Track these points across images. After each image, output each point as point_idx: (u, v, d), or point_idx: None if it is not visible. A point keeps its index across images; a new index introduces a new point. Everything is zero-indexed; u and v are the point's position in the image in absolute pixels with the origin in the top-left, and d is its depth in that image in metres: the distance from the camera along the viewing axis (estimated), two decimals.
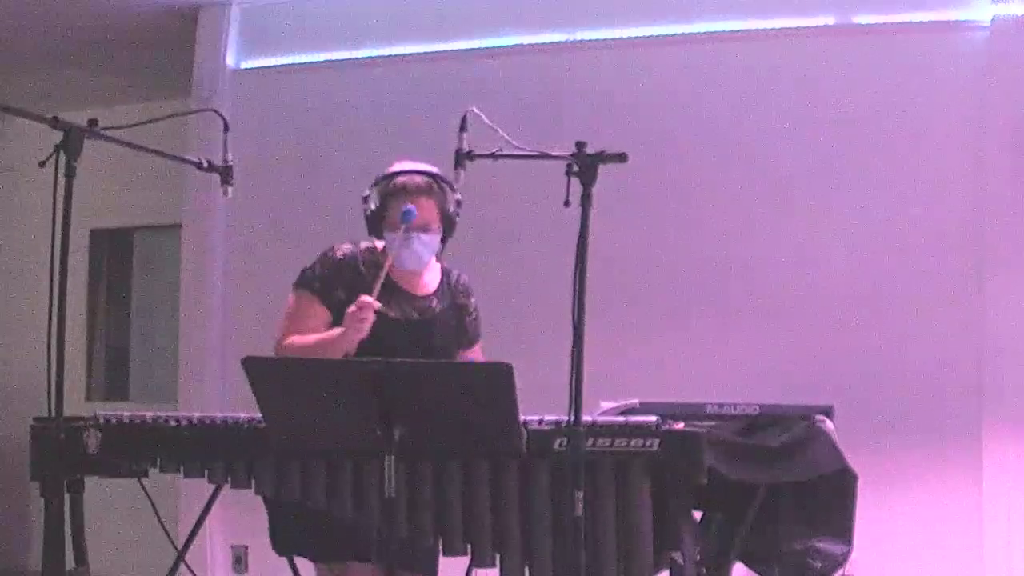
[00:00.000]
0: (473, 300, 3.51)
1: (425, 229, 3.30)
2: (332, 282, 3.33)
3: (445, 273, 3.49)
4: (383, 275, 3.20)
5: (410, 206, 3.24)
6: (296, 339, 3.30)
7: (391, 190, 3.32)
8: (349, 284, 3.31)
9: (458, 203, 3.37)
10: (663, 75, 5.01)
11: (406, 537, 3.00)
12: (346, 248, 3.40)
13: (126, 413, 3.20)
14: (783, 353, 4.71)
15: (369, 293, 3.19)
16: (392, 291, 3.34)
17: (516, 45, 5.24)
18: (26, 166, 3.01)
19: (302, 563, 3.50)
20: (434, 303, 3.42)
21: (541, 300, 4.47)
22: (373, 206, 3.34)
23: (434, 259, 3.44)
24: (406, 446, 2.66)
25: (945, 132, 4.65)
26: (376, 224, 3.36)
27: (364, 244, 3.42)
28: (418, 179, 3.32)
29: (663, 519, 2.98)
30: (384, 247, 3.36)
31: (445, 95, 4.96)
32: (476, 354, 3.54)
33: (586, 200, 2.77)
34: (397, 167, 3.37)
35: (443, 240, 3.39)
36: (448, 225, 3.37)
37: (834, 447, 3.43)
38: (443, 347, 3.40)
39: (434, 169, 3.36)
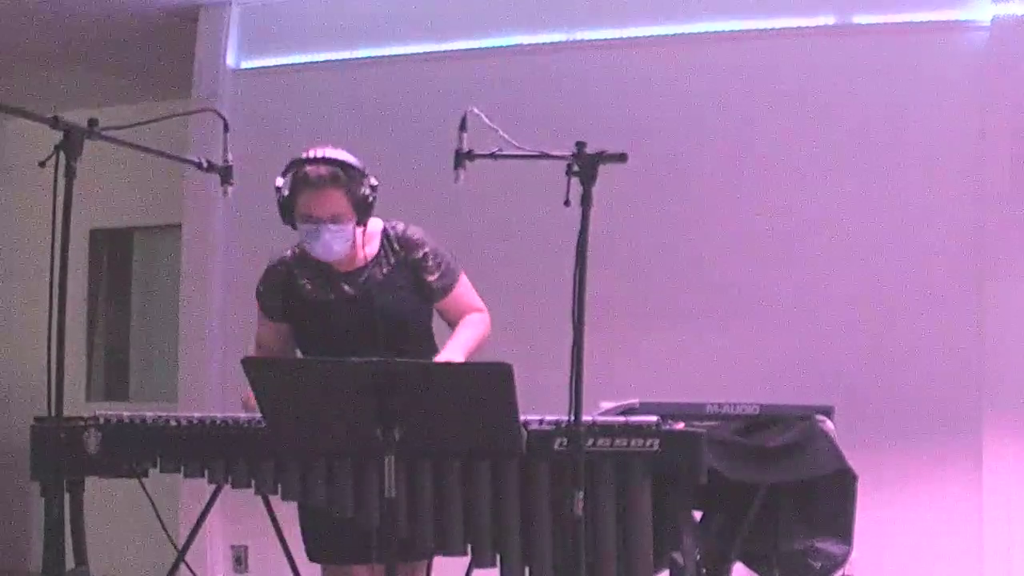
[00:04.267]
0: (425, 250, 3.40)
1: (334, 220, 3.28)
2: (268, 293, 3.45)
3: (384, 235, 3.43)
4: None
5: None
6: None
7: (297, 180, 3.29)
8: (283, 289, 3.41)
9: (373, 187, 3.32)
10: (663, 75, 5.01)
11: (406, 537, 3.00)
12: (286, 253, 3.46)
13: (126, 413, 3.20)
14: (783, 353, 4.71)
15: (300, 295, 3.36)
16: (325, 273, 3.39)
17: (516, 45, 5.24)
18: (26, 166, 3.01)
19: (303, 563, 3.51)
20: (375, 272, 3.38)
21: (541, 300, 4.46)
22: (285, 193, 3.32)
23: (360, 236, 3.34)
24: (406, 446, 2.66)
25: (945, 132, 4.64)
26: (287, 213, 3.34)
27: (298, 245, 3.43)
28: (322, 170, 3.27)
29: (663, 519, 2.98)
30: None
31: (445, 95, 4.95)
32: (457, 300, 3.44)
33: (586, 200, 2.77)
34: (306, 154, 3.31)
35: (360, 224, 3.32)
36: (361, 211, 3.30)
37: (834, 447, 3.44)
38: (396, 312, 3.34)
39: (343, 156, 3.31)
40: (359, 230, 3.32)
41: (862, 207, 4.73)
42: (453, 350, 3.31)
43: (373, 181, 3.34)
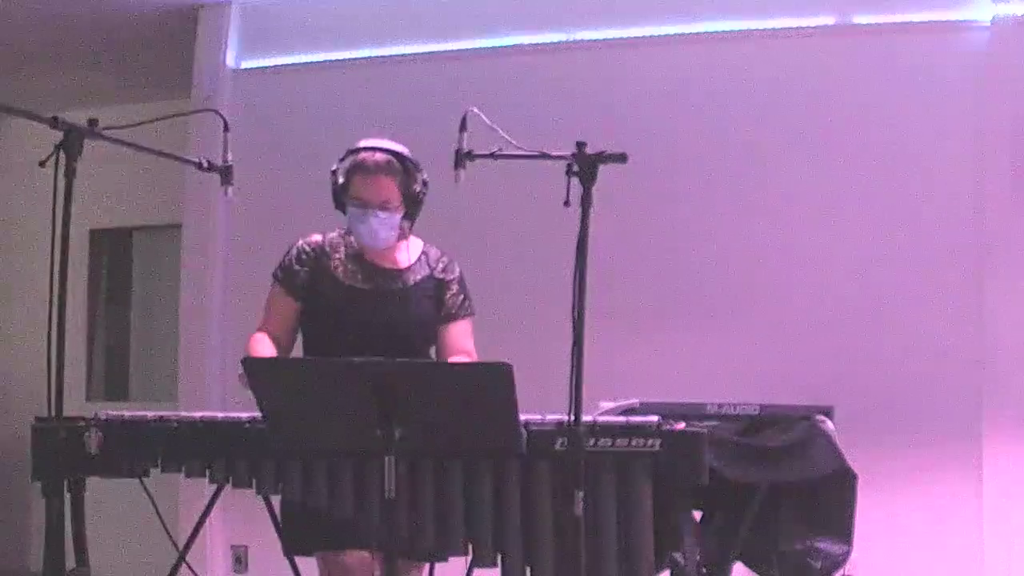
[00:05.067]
0: (455, 276, 3.49)
1: (383, 207, 3.33)
2: (294, 267, 3.43)
3: (426, 252, 3.51)
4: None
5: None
6: (264, 347, 3.38)
7: (353, 165, 3.37)
8: (312, 265, 3.41)
9: (424, 183, 3.41)
10: (663, 75, 5.01)
11: (406, 537, 3.00)
12: (316, 236, 3.48)
13: (126, 413, 3.19)
14: (783, 353, 4.71)
15: (331, 275, 3.37)
16: (363, 265, 3.42)
17: (516, 45, 5.24)
18: (26, 166, 3.01)
19: (303, 563, 3.51)
20: (408, 277, 3.44)
21: (541, 300, 4.46)
22: (340, 180, 3.39)
23: (409, 236, 3.47)
24: (406, 446, 2.66)
25: (945, 132, 4.65)
26: (339, 198, 3.41)
27: (339, 230, 3.49)
28: (378, 156, 3.36)
29: (663, 519, 2.98)
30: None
31: (445, 95, 4.96)
32: (459, 334, 3.47)
33: (586, 200, 2.77)
34: (363, 143, 3.41)
35: (408, 218, 3.41)
36: (411, 204, 3.39)
37: (834, 447, 3.44)
38: (416, 319, 3.40)
39: (399, 147, 3.40)
40: (406, 224, 3.40)
41: (862, 207, 4.73)
42: None
43: (425, 177, 3.41)
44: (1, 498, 6.67)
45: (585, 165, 2.78)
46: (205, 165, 3.15)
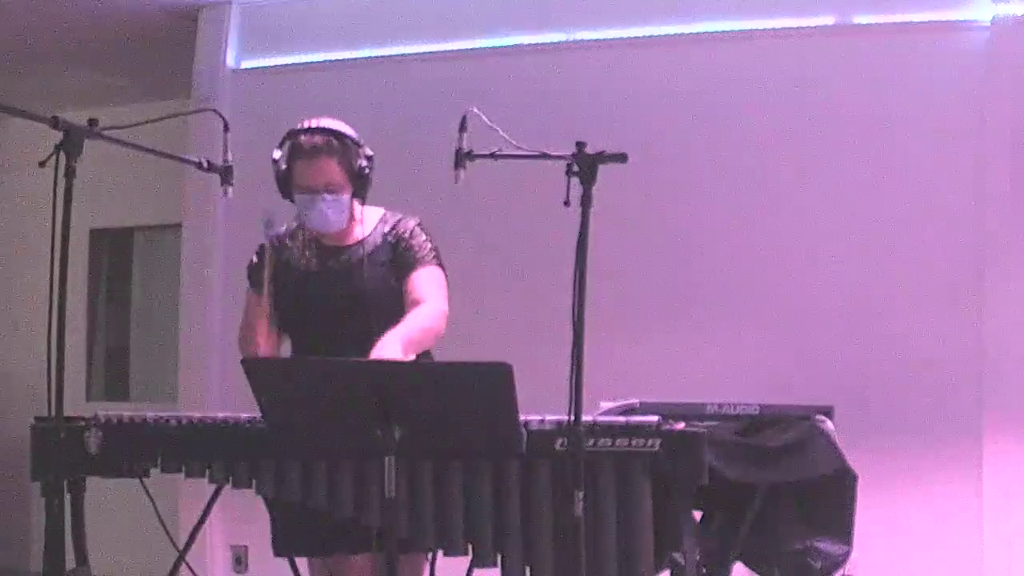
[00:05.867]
0: (407, 230, 3.38)
1: (329, 190, 3.29)
2: (258, 264, 3.39)
3: (383, 220, 3.43)
4: (268, 267, 3.28)
5: (266, 218, 3.30)
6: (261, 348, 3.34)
7: (291, 150, 3.32)
8: (273, 258, 3.35)
9: (368, 159, 3.34)
10: (663, 75, 5.01)
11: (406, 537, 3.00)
12: (281, 229, 3.45)
13: (126, 413, 3.19)
14: (783, 353, 4.71)
15: (289, 265, 3.34)
16: (316, 247, 3.40)
17: (516, 45, 5.24)
18: (26, 166, 3.01)
19: (303, 564, 3.51)
20: (358, 250, 3.38)
21: (541, 300, 4.46)
22: (283, 167, 3.34)
23: (363, 211, 3.39)
24: (406, 446, 2.66)
25: (945, 132, 4.65)
26: (285, 186, 3.36)
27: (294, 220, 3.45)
28: (316, 139, 3.29)
29: (663, 519, 2.98)
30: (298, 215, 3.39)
31: (445, 95, 4.95)
32: (415, 282, 3.33)
33: (586, 200, 2.77)
34: (301, 124, 3.34)
35: (357, 196, 3.34)
36: (357, 182, 3.33)
37: (834, 447, 3.43)
38: (367, 290, 3.32)
39: (338, 125, 3.33)
40: (355, 203, 3.34)
41: (862, 207, 4.73)
42: (390, 339, 3.12)
43: (368, 152, 3.35)
44: (1, 498, 6.67)
45: (585, 165, 2.78)
46: (205, 165, 3.15)
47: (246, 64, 5.66)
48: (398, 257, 3.36)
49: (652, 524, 2.96)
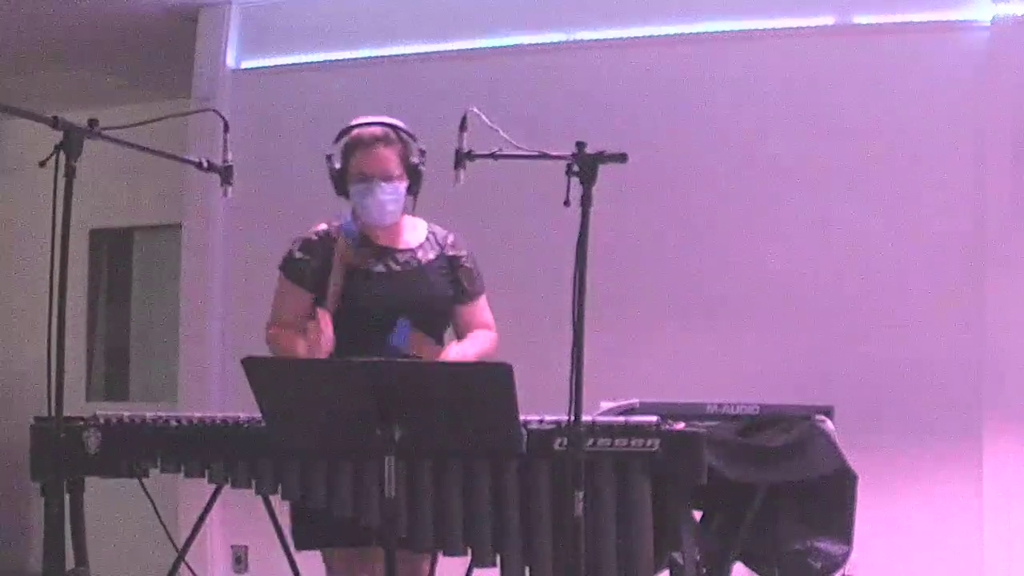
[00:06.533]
0: (465, 253, 3.49)
1: (386, 178, 3.32)
2: (302, 257, 3.40)
3: (432, 231, 3.50)
4: (337, 262, 3.29)
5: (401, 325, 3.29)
6: (284, 342, 3.36)
7: (350, 143, 3.37)
8: (322, 253, 3.37)
9: (422, 153, 3.40)
10: (663, 75, 5.01)
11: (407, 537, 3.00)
12: (322, 225, 3.45)
13: (126, 413, 3.20)
14: (783, 353, 4.71)
15: (341, 260, 3.31)
16: (373, 248, 3.40)
17: (516, 45, 5.24)
18: (26, 166, 3.01)
19: (303, 564, 3.50)
20: (419, 255, 3.43)
21: (541, 300, 4.46)
22: (337, 164, 3.39)
23: (412, 216, 3.45)
24: (406, 446, 2.66)
25: (945, 132, 4.64)
26: (340, 181, 3.39)
27: (337, 221, 3.46)
28: (375, 129, 3.36)
29: (663, 519, 2.98)
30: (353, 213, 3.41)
31: (445, 95, 4.95)
32: (479, 310, 3.50)
33: (586, 200, 2.77)
34: (355, 120, 3.40)
35: (411, 192, 3.40)
36: (412, 175, 3.38)
37: (834, 447, 3.43)
38: (431, 297, 3.39)
39: (393, 120, 3.40)
40: (410, 199, 3.39)
41: (862, 207, 4.73)
42: (455, 356, 3.31)
43: (422, 147, 3.40)
44: (1, 498, 6.67)
45: (585, 165, 2.78)
46: (205, 165, 3.15)
47: (246, 64, 5.66)
48: (461, 279, 3.46)
49: (652, 524, 2.96)
